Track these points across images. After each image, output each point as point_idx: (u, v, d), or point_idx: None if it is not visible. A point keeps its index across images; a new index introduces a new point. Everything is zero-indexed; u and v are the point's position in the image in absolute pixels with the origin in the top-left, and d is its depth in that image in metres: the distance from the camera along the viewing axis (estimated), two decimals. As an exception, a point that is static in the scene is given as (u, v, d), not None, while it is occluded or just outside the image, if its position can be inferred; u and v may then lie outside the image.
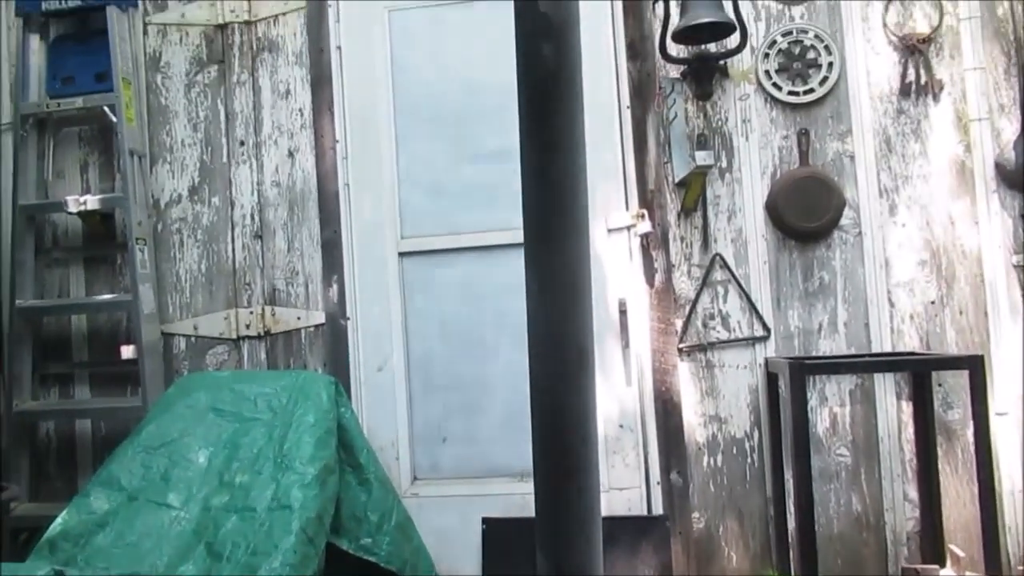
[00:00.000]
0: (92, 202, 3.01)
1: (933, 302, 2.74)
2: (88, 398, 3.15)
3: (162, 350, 3.06)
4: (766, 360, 2.77)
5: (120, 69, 3.00)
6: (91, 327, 3.17)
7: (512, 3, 1.42)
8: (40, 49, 3.13)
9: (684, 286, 2.85)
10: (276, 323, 3.05)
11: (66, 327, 3.18)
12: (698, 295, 2.84)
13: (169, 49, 3.15)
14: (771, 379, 2.74)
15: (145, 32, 3.16)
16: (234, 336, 3.06)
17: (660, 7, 2.82)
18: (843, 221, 2.78)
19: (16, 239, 3.06)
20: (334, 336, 2.99)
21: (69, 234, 3.18)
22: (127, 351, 3.06)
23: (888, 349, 2.74)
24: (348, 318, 2.99)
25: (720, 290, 2.84)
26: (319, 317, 3.02)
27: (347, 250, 3.01)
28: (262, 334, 3.05)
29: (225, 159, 3.10)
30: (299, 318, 3.03)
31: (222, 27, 3.11)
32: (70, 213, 3.01)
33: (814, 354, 2.78)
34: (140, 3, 3.15)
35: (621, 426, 2.85)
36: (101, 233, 3.14)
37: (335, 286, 3.00)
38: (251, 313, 3.05)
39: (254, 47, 3.10)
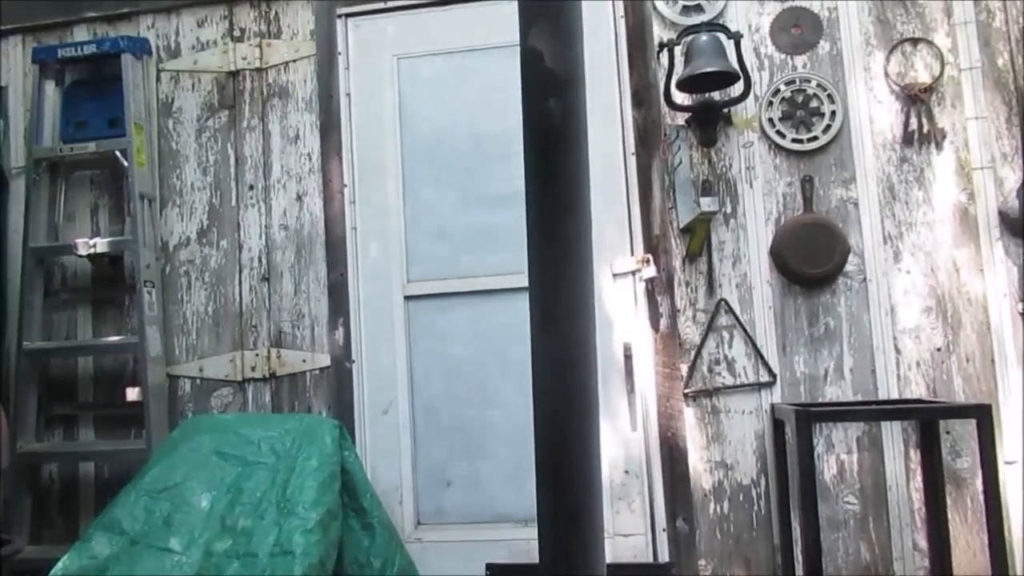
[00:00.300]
0: (101, 245, 3.04)
1: (939, 349, 2.73)
2: (92, 440, 3.14)
3: (167, 392, 3.07)
4: (772, 406, 2.76)
5: (133, 114, 3.05)
6: (97, 368, 3.18)
7: (518, 53, 1.46)
8: (55, 95, 3.19)
9: (689, 331, 2.85)
10: (282, 365, 3.05)
11: (72, 368, 3.19)
12: (703, 340, 2.83)
13: (181, 95, 3.21)
14: (777, 425, 2.73)
15: (158, 78, 3.22)
16: (239, 378, 3.07)
17: (665, 56, 2.86)
18: (848, 267, 2.79)
19: (25, 281, 3.09)
20: (339, 379, 3.00)
21: (78, 276, 3.21)
22: (132, 393, 3.07)
23: (895, 396, 2.72)
24: (353, 361, 3.00)
25: (725, 335, 2.83)
26: (324, 360, 3.02)
27: (353, 293, 3.03)
28: (267, 376, 3.05)
29: (234, 202, 3.13)
30: (304, 361, 3.04)
31: (234, 74, 3.16)
32: (79, 256, 3.04)
33: (820, 400, 2.76)
34: (154, 50, 3.21)
35: (626, 472, 2.83)
36: (109, 275, 3.16)
37: (341, 329, 3.01)
38: (257, 355, 3.06)
39: (265, 93, 3.15)
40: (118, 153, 3.04)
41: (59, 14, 3.29)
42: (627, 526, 2.81)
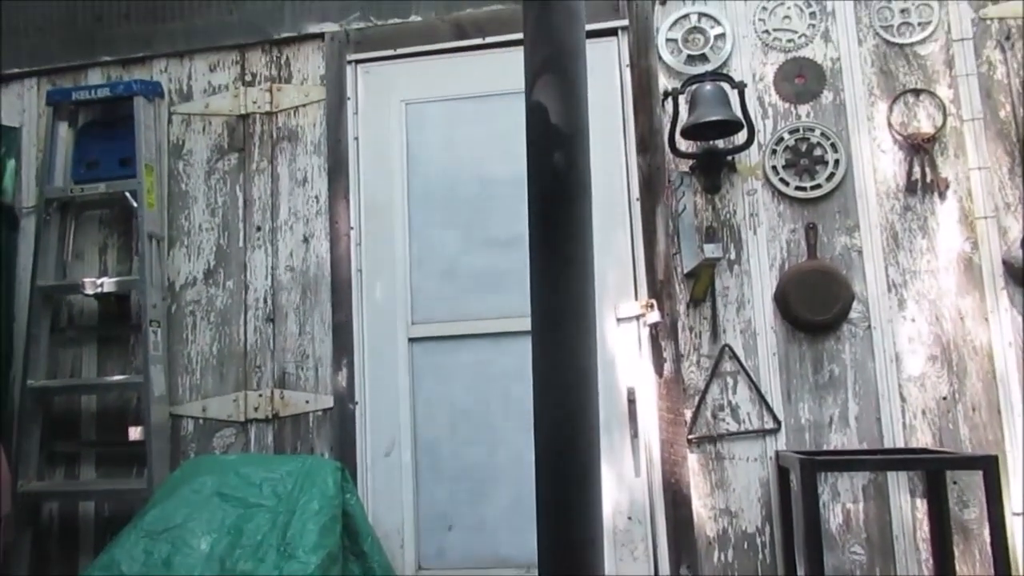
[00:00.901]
0: (108, 284, 3.06)
1: (945, 398, 2.72)
2: (93, 478, 3.13)
3: (170, 432, 3.06)
4: (777, 453, 2.74)
5: (144, 156, 3.09)
6: (100, 406, 3.18)
7: (523, 100, 1.48)
8: (68, 135, 3.24)
9: (693, 376, 2.84)
10: (285, 406, 3.05)
11: (75, 406, 3.19)
12: (707, 385, 2.83)
13: (192, 137, 3.25)
14: (782, 473, 2.71)
15: (169, 121, 3.27)
16: (242, 419, 3.06)
17: (669, 104, 2.90)
18: (852, 314, 2.79)
19: (32, 318, 3.11)
20: (342, 420, 2.99)
21: (84, 314, 3.23)
22: (135, 432, 3.07)
23: (900, 445, 2.71)
24: (356, 402, 2.99)
25: (730, 381, 2.83)
26: (328, 401, 3.02)
27: (358, 334, 3.03)
28: (270, 417, 3.05)
29: (241, 243, 3.16)
30: (308, 402, 3.03)
31: (244, 117, 3.21)
32: (86, 295, 3.06)
33: (825, 448, 2.75)
34: (166, 94, 3.26)
35: (629, 518, 2.81)
36: (116, 314, 3.18)
37: (344, 370, 3.01)
38: (260, 396, 3.06)
39: (274, 136, 3.19)
40: (128, 194, 3.08)
41: (75, 57, 3.35)
42: (630, 573, 2.78)
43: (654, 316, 2.82)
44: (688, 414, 2.82)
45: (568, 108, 1.28)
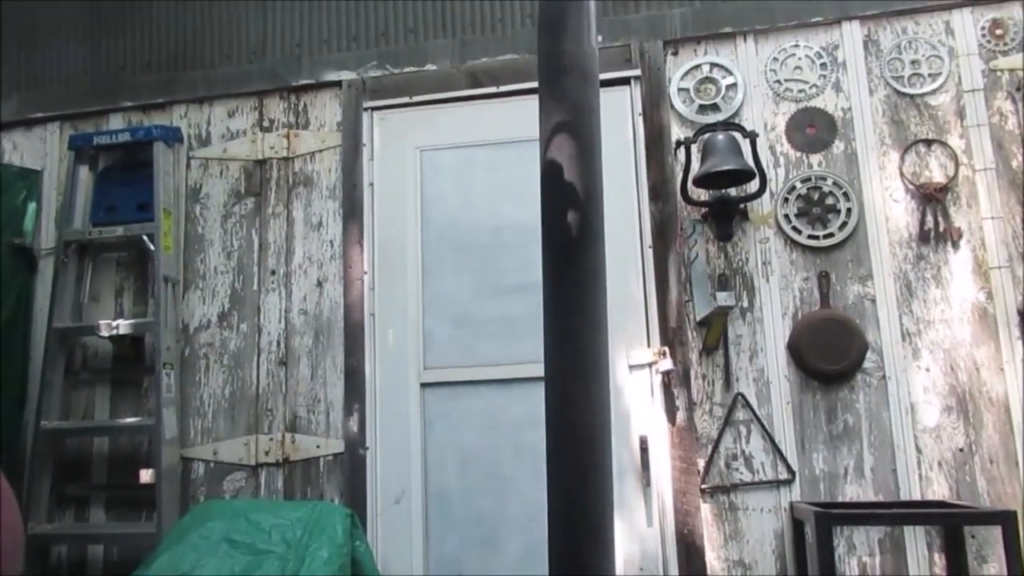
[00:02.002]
0: (124, 327, 3.09)
1: (962, 450, 2.69)
2: (103, 521, 3.12)
3: (180, 475, 3.06)
4: (791, 504, 2.71)
5: (162, 200, 3.14)
6: (112, 448, 3.19)
7: (537, 147, 1.50)
8: (88, 179, 3.30)
9: (706, 425, 2.83)
10: (295, 450, 3.04)
11: (87, 448, 3.19)
12: (720, 435, 2.81)
13: (209, 181, 3.30)
14: (797, 524, 2.67)
15: (188, 165, 3.31)
16: (253, 463, 3.06)
17: (682, 153, 2.92)
18: (866, 364, 2.77)
19: (47, 360, 3.13)
20: (352, 466, 2.98)
21: (99, 356, 3.25)
22: (146, 475, 3.06)
23: (917, 497, 2.67)
24: (367, 448, 2.99)
25: (743, 430, 2.81)
26: (338, 446, 3.01)
27: (369, 379, 3.04)
28: (281, 461, 3.04)
29: (255, 287, 3.18)
30: (318, 446, 3.03)
31: (261, 162, 3.26)
32: (101, 337, 3.08)
33: (840, 499, 2.71)
34: (185, 138, 3.32)
35: (641, 569, 2.77)
36: (130, 355, 3.20)
37: (356, 415, 3.01)
38: (271, 440, 3.06)
39: (290, 181, 3.23)
40: (145, 237, 3.11)
41: (97, 103, 3.42)
42: (642, 626, 2.74)
43: (667, 364, 2.81)
44: (701, 463, 2.79)
45: (582, 167, 1.30)
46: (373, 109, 3.21)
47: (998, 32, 2.88)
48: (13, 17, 3.59)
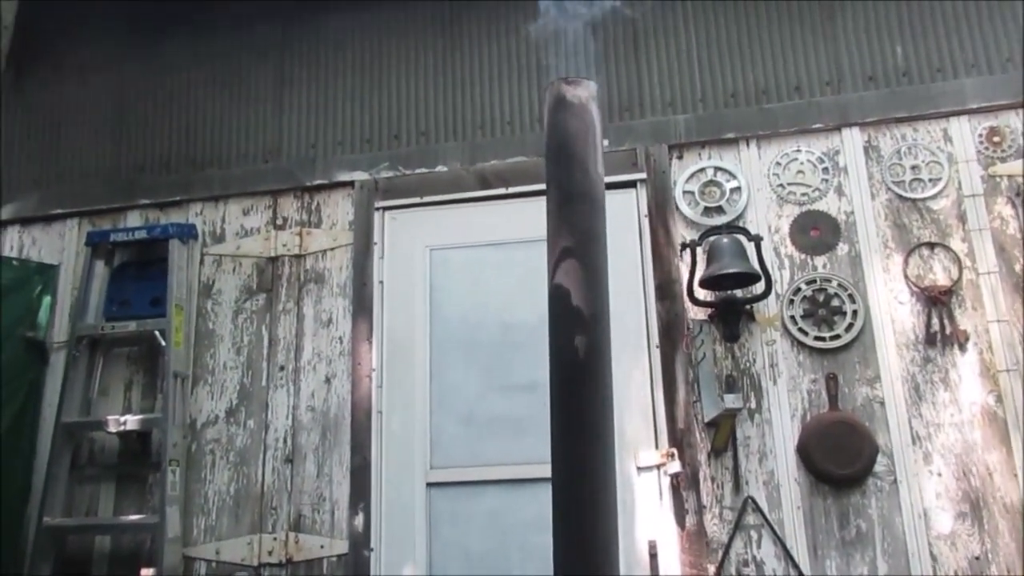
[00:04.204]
0: (132, 422, 3.09)
1: (978, 558, 2.63)
2: (101, 623, 3.07)
3: (182, 575, 3.01)
4: (805, 614, 2.64)
5: (175, 296, 3.19)
6: (113, 545, 3.15)
7: (545, 248, 1.53)
8: (103, 274, 3.36)
9: (716, 529, 2.78)
10: (299, 550, 3.00)
11: (89, 544, 3.15)
12: (731, 539, 2.76)
13: (222, 277, 3.35)
14: (811, 636, 2.60)
15: (201, 261, 3.37)
16: (256, 563, 3.01)
17: (687, 254, 2.97)
18: (877, 468, 2.74)
19: (53, 455, 3.12)
20: (357, 567, 2.93)
21: (105, 451, 3.24)
22: (147, 574, 3.01)
23: (934, 607, 2.61)
24: (372, 549, 2.94)
25: (753, 535, 2.76)
26: (343, 546, 2.97)
27: (376, 478, 3.01)
28: (284, 562, 2.99)
29: (264, 383, 3.20)
30: (322, 546, 2.99)
31: (273, 259, 3.32)
32: (109, 432, 3.09)
33: (855, 609, 2.65)
34: (200, 235, 3.39)
35: None
36: (136, 451, 3.19)
37: (361, 515, 2.97)
38: (275, 539, 3.02)
39: (301, 278, 3.28)
40: (157, 333, 3.15)
41: (115, 200, 3.51)
42: None
43: (675, 466, 2.79)
44: (712, 569, 2.74)
45: (589, 291, 1.33)
46: (384, 209, 3.29)
47: (995, 139, 2.96)
48: (38, 116, 3.72)
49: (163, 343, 3.13)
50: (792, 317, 2.90)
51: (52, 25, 3.71)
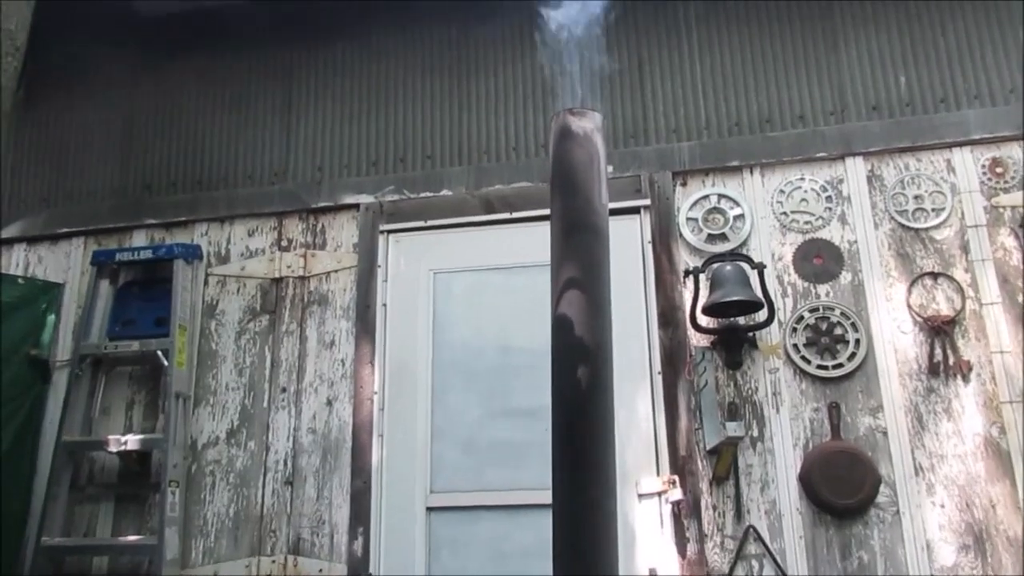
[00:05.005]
0: (132, 442, 3.09)
1: (981, 591, 2.61)
2: (97, 645, 3.05)
3: (179, 597, 3.00)
4: (806, 646, 2.62)
5: (178, 316, 3.19)
6: (111, 566, 3.14)
7: (548, 272, 1.53)
8: (108, 293, 3.37)
9: (717, 558, 2.76)
10: (297, 574, 2.98)
11: (87, 564, 3.14)
12: (732, 569, 2.74)
13: (226, 298, 3.36)
14: (812, 668, 2.58)
15: (206, 282, 3.38)
16: (254, 586, 3.00)
17: (691, 281, 2.97)
18: (879, 498, 2.73)
19: (54, 474, 3.12)
20: (355, 591, 2.91)
21: (105, 470, 3.23)
22: (144, 596, 3.00)
23: (937, 641, 2.58)
24: (371, 574, 2.92)
25: (755, 564, 2.74)
26: (341, 570, 2.95)
27: (375, 501, 3.00)
28: (282, 585, 2.98)
29: (265, 404, 3.19)
30: (321, 570, 2.97)
31: (277, 280, 3.32)
32: (110, 452, 3.08)
33: (857, 641, 2.62)
34: (205, 256, 3.40)
35: None
36: (136, 471, 3.18)
37: (360, 538, 2.96)
38: (273, 562, 3.00)
39: (305, 300, 3.29)
40: (160, 353, 3.15)
41: (122, 219, 3.53)
42: None
43: (676, 494, 2.78)
44: (712, 599, 2.72)
45: (592, 322, 1.33)
46: (389, 232, 3.30)
47: (998, 170, 2.97)
48: (47, 136, 3.75)
49: (166, 363, 3.14)
50: (795, 345, 2.90)
51: (64, 47, 3.75)
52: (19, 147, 3.69)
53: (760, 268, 2.89)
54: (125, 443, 3.09)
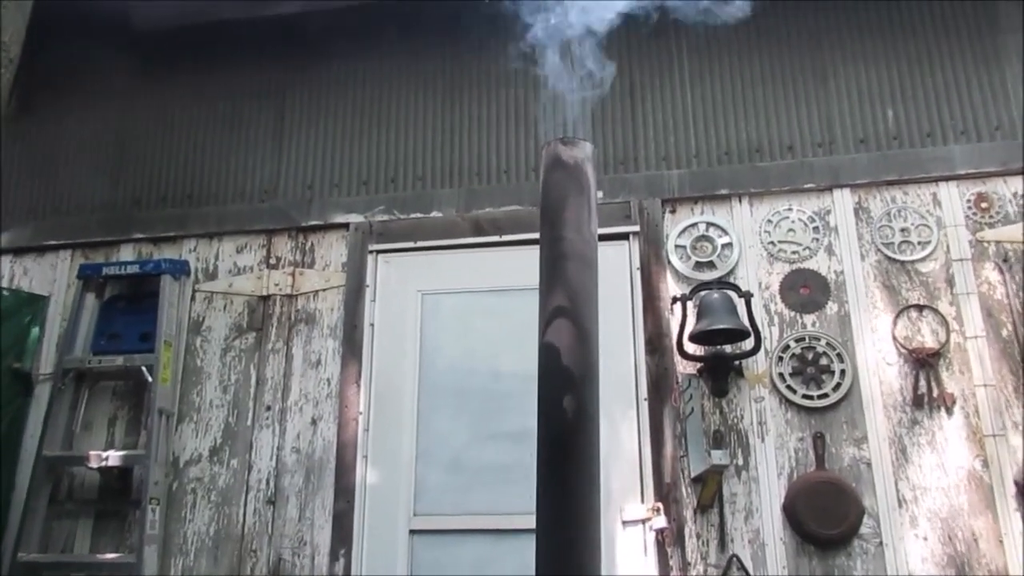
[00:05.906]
0: (114, 458, 3.06)
1: (963, 625, 2.61)
2: (71, 665, 3.00)
3: (156, 617, 2.96)
4: (788, 678, 2.61)
5: (164, 332, 3.17)
6: (88, 585, 3.09)
7: (536, 295, 1.53)
8: (93, 307, 3.34)
9: (700, 587, 2.75)
10: (277, 596, 2.95)
11: (63, 583, 3.10)
12: (715, 598, 2.73)
13: (212, 315, 3.34)
14: None
15: (193, 298, 3.37)
16: (232, 607, 2.96)
17: (678, 308, 2.98)
18: (863, 530, 2.73)
19: (32, 489, 3.09)
20: (335, 614, 2.88)
21: (85, 486, 3.19)
22: (120, 616, 2.96)
23: (918, 675, 2.57)
24: (352, 597, 2.90)
25: (738, 594, 2.74)
26: (322, 593, 2.93)
27: (358, 524, 2.98)
28: (261, 607, 2.95)
29: (249, 422, 3.17)
30: (301, 592, 2.94)
31: (265, 298, 3.31)
32: (90, 468, 3.05)
33: (839, 674, 2.61)
34: (192, 272, 3.39)
35: None
36: (117, 487, 3.15)
37: (342, 560, 2.93)
38: (253, 583, 2.97)
39: (292, 318, 3.28)
40: (144, 369, 3.13)
41: (109, 233, 3.51)
42: None
43: (660, 521, 2.77)
44: (694, 628, 2.71)
45: (579, 350, 1.34)
46: (378, 252, 3.30)
47: (983, 205, 3.00)
48: (37, 148, 3.74)
49: (150, 379, 3.11)
50: (781, 374, 2.91)
51: (56, 61, 3.75)
52: (8, 158, 3.67)
53: (747, 297, 2.91)
54: (106, 459, 3.05)
